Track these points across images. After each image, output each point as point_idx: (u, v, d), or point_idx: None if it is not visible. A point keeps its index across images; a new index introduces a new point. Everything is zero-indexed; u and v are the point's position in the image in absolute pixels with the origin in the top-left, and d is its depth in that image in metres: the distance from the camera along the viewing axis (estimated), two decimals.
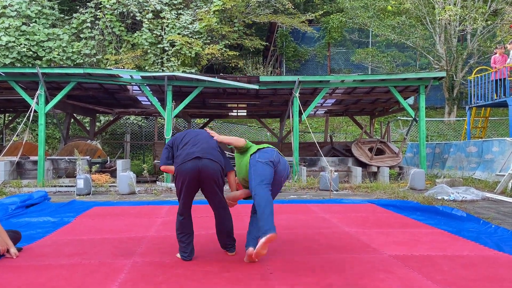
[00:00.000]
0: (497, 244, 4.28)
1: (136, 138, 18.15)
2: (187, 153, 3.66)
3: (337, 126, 19.66)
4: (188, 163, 3.61)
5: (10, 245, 3.91)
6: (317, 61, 22.48)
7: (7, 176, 10.05)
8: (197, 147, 3.71)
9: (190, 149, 3.70)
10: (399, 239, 4.56)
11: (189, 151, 3.68)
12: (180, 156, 3.69)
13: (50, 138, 16.85)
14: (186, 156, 3.65)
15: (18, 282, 3.21)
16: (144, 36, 17.02)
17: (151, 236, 4.74)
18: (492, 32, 17.96)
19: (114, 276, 3.32)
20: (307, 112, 11.11)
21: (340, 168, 11.68)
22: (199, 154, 3.63)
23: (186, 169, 3.60)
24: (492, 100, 12.32)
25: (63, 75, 10.33)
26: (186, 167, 3.61)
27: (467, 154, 11.77)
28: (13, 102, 13.18)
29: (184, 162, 3.62)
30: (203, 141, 3.80)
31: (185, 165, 3.62)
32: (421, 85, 11.03)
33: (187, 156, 3.64)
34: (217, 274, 3.36)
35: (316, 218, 5.81)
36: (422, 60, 20.96)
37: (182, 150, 3.73)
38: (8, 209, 6.18)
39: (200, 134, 3.92)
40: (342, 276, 3.32)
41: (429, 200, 7.22)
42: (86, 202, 7.41)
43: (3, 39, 15.83)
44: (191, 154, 3.65)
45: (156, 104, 10.76)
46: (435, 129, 18.82)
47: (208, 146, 3.76)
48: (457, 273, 3.39)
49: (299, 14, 19.84)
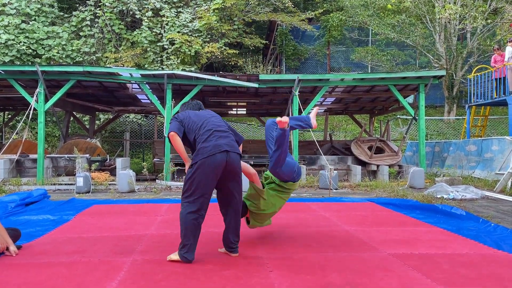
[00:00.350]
0: (496, 243, 4.28)
1: (136, 136, 18.14)
2: (214, 145, 3.60)
3: (337, 124, 19.66)
4: (218, 156, 3.57)
5: (10, 243, 3.90)
6: (316, 60, 22.48)
7: (6, 174, 10.04)
8: (223, 138, 3.69)
9: (216, 140, 3.64)
10: (399, 237, 4.57)
11: (216, 142, 3.62)
12: (207, 148, 3.58)
13: (49, 136, 16.83)
14: (213, 149, 3.58)
15: (17, 280, 3.21)
16: (144, 34, 17.00)
17: (150, 234, 4.74)
18: (492, 31, 17.96)
19: (113, 274, 3.32)
20: (307, 110, 11.10)
21: (339, 167, 11.68)
22: (228, 148, 3.63)
23: (215, 161, 3.56)
24: (492, 99, 12.33)
25: (63, 73, 10.32)
26: (215, 159, 3.56)
27: (467, 153, 11.78)
28: (12, 100, 13.17)
29: (213, 155, 3.56)
30: (223, 129, 3.79)
31: (214, 158, 3.55)
32: (420, 83, 11.03)
33: (215, 148, 3.58)
34: (217, 272, 3.36)
35: (315, 217, 5.82)
36: (422, 58, 20.97)
37: (206, 141, 3.63)
38: (8, 207, 6.18)
39: (214, 118, 3.89)
40: (341, 274, 3.32)
41: (429, 198, 7.22)
42: (86, 200, 7.41)
43: (2, 37, 15.81)
44: (218, 146, 3.60)
45: (155, 103, 10.76)
46: (434, 127, 18.82)
47: (230, 138, 3.77)
48: (457, 272, 3.39)
49: (299, 13, 19.82)
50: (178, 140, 3.65)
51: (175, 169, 10.09)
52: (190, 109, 4.10)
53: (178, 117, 3.84)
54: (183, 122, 3.79)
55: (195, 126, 3.76)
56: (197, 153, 3.61)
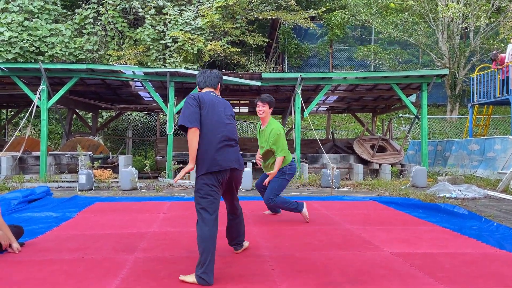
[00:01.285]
0: (498, 242, 4.28)
1: (138, 134, 18.16)
2: (224, 159, 3.31)
3: (339, 123, 19.64)
4: (224, 173, 3.34)
5: (13, 240, 3.92)
6: (319, 58, 22.44)
7: (9, 171, 10.08)
8: (232, 153, 3.40)
9: (227, 154, 3.35)
10: (401, 236, 4.57)
11: (225, 157, 3.33)
12: (216, 159, 3.28)
13: (52, 133, 16.87)
14: (222, 163, 3.30)
15: (20, 276, 3.23)
16: (147, 32, 17.01)
17: (153, 232, 4.75)
18: (495, 29, 17.89)
19: (116, 271, 3.34)
20: (309, 109, 11.10)
21: (341, 165, 11.68)
22: (236, 166, 3.41)
23: (222, 177, 3.34)
24: (495, 98, 12.29)
25: (66, 70, 10.34)
26: (223, 176, 3.34)
27: (469, 152, 11.75)
28: (15, 97, 13.19)
29: (222, 171, 3.32)
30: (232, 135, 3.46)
31: (222, 174, 3.33)
32: (423, 82, 11.00)
33: (224, 162, 3.31)
34: (220, 270, 3.37)
35: (317, 215, 5.82)
36: (425, 57, 20.91)
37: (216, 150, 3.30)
38: (11, 204, 6.20)
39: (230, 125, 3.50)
40: (344, 272, 3.32)
41: (431, 197, 7.21)
42: (88, 197, 7.44)
43: (5, 34, 15.83)
44: (228, 161, 3.33)
45: (158, 100, 10.76)
46: (437, 126, 18.78)
47: (237, 149, 3.52)
48: (459, 271, 3.39)
49: (302, 11, 19.77)
50: (196, 138, 3.24)
51: (177, 167, 10.09)
52: (208, 85, 3.59)
53: (193, 102, 3.30)
54: (200, 107, 3.32)
55: (207, 115, 3.33)
56: (202, 158, 3.30)
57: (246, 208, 6.17)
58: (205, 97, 3.38)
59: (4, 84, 11.50)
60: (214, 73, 3.65)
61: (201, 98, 3.35)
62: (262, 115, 5.21)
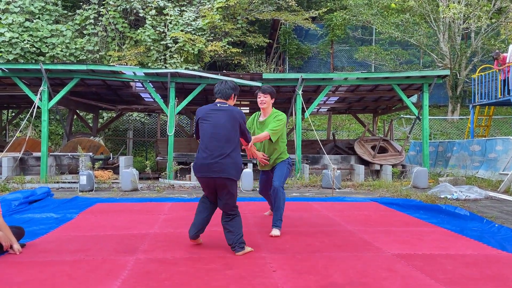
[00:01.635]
0: (500, 243, 4.27)
1: (139, 135, 18.17)
2: (202, 164, 3.87)
3: (340, 124, 19.62)
4: (205, 180, 3.90)
5: (13, 241, 3.92)
6: (320, 59, 22.43)
7: (10, 172, 10.08)
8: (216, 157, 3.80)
9: (207, 158, 3.82)
10: (402, 237, 4.56)
11: (207, 161, 3.82)
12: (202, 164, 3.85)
13: (53, 134, 16.88)
14: (201, 168, 3.87)
15: (21, 278, 3.22)
16: (147, 32, 17.02)
17: (154, 233, 4.74)
18: (496, 30, 17.87)
19: (117, 273, 3.33)
20: (310, 109, 11.09)
21: (342, 166, 11.66)
22: (215, 175, 3.80)
23: (203, 182, 3.95)
24: (496, 99, 12.28)
25: (66, 71, 10.34)
26: (203, 181, 3.95)
27: (471, 153, 11.73)
28: (16, 98, 13.19)
29: (203, 178, 3.89)
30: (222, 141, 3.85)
31: (202, 180, 3.94)
32: (424, 83, 10.99)
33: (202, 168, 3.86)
34: (221, 271, 3.36)
35: (318, 216, 5.81)
36: (426, 58, 20.89)
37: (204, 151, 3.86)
38: (11, 205, 6.20)
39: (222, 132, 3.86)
40: (345, 274, 3.31)
41: (432, 198, 7.20)
42: (89, 198, 7.43)
43: (6, 35, 15.85)
44: (206, 167, 3.83)
45: (159, 101, 10.76)
46: (438, 127, 18.76)
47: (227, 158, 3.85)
48: (460, 272, 3.38)
49: (302, 11, 19.77)
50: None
51: (178, 167, 10.09)
52: (220, 96, 4.03)
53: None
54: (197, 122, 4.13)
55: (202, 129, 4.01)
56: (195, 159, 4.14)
57: (246, 209, 6.17)
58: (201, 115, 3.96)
59: (5, 84, 11.51)
60: (228, 84, 3.97)
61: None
62: (264, 105, 4.99)
